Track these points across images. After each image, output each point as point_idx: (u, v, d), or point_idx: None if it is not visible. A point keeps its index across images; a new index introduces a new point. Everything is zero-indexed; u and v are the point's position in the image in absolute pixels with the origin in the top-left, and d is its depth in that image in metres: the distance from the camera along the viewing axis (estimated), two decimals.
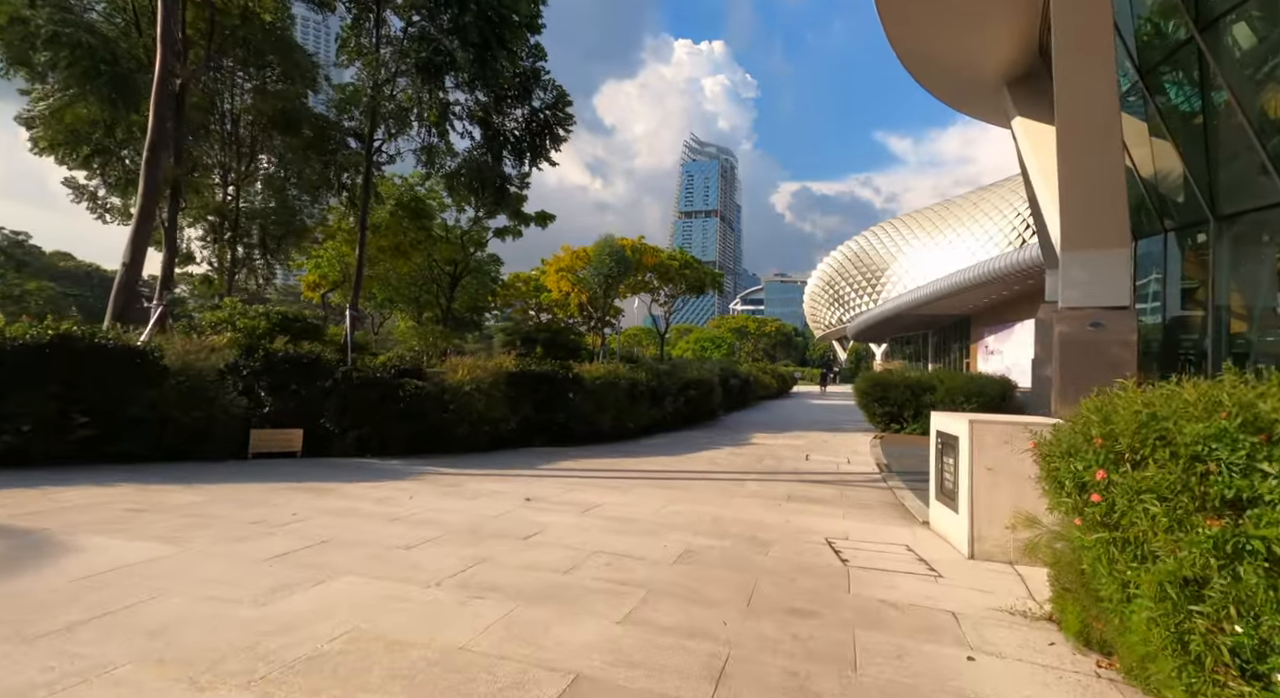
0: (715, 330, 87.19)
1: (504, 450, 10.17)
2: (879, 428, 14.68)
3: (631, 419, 12.80)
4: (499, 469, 8.29)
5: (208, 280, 21.50)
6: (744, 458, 10.22)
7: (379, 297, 30.61)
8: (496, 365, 10.29)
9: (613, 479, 7.85)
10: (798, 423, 17.41)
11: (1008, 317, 31.77)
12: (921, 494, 7.24)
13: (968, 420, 4.87)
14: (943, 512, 5.43)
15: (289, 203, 22.65)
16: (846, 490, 7.55)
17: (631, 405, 12.92)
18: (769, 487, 7.66)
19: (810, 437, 13.65)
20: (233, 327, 14.92)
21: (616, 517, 5.67)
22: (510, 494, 6.48)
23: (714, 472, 8.74)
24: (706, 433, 14.28)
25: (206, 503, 5.40)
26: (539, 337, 21.92)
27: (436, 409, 9.26)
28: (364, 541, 4.44)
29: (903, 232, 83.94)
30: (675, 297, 45.55)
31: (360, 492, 6.22)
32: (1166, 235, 10.20)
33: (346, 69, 19.61)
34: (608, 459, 9.68)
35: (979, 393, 13.89)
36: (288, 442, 8.18)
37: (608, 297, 36.58)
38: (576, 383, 11.44)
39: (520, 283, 47.68)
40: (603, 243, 34.51)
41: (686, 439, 12.98)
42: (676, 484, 7.63)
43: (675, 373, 15.53)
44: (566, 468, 8.63)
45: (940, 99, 17.15)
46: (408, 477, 7.31)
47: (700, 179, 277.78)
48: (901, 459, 10.33)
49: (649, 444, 11.94)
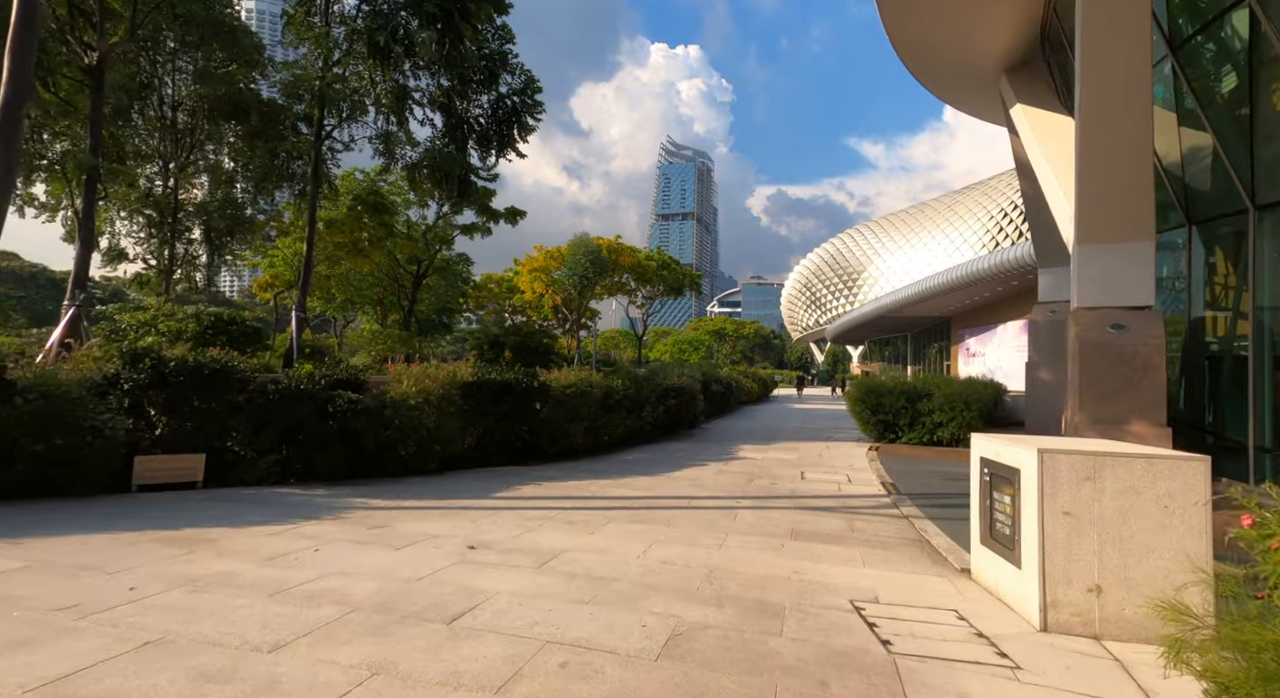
0: (693, 333, 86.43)
1: (457, 473, 8.82)
2: (873, 437, 13.70)
3: (607, 431, 11.54)
4: (446, 499, 6.96)
5: (141, 280, 19.58)
6: (733, 477, 9.05)
7: (340, 298, 28.80)
8: (448, 375, 8.94)
9: (582, 511, 6.60)
10: (785, 432, 16.36)
11: (989, 319, 31.40)
12: (946, 525, 6.15)
13: (1035, 449, 3.75)
14: (994, 563, 4.31)
15: (234, 195, 20.89)
16: (856, 521, 6.42)
17: (606, 416, 11.67)
18: (766, 517, 6.49)
19: (802, 449, 12.56)
20: (155, 330, 13.27)
21: (583, 572, 4.42)
22: (450, 540, 5.18)
23: (700, 497, 7.55)
24: (689, 445, 13.10)
25: (18, 571, 3.99)
26: (508, 340, 20.55)
27: (375, 427, 7.88)
28: (213, 636, 3.10)
29: (879, 234, 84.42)
30: (653, 298, 44.44)
31: (249, 543, 4.84)
32: (1191, 228, 9.38)
33: (297, 49, 18.02)
34: (578, 481, 8.42)
35: (977, 399, 13.01)
36: (185, 470, 6.73)
37: (583, 298, 35.26)
38: (543, 393, 10.15)
39: (493, 284, 46.11)
40: (577, 242, 33.19)
41: (667, 453, 11.77)
42: (658, 516, 6.41)
43: (654, 379, 14.33)
44: (528, 496, 7.33)
45: (933, 91, 16.33)
46: (327, 515, 5.94)
47: (677, 182, 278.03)
48: (907, 476, 9.27)
49: (626, 460, 10.70)
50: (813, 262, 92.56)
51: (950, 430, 12.65)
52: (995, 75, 13.92)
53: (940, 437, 12.78)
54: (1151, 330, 8.51)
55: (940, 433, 12.76)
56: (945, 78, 15.14)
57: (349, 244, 21.40)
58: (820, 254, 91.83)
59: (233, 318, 14.78)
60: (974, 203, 74.35)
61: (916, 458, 11.41)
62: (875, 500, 7.60)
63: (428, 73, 17.05)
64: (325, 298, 29.25)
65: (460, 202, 20.09)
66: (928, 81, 15.77)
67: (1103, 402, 8.63)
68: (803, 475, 9.29)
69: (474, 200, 20.34)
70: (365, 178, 24.39)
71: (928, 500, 7.53)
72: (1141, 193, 8.46)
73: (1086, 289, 9.20)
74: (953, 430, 12.64)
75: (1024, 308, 28.17)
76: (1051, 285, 16.97)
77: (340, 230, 21.05)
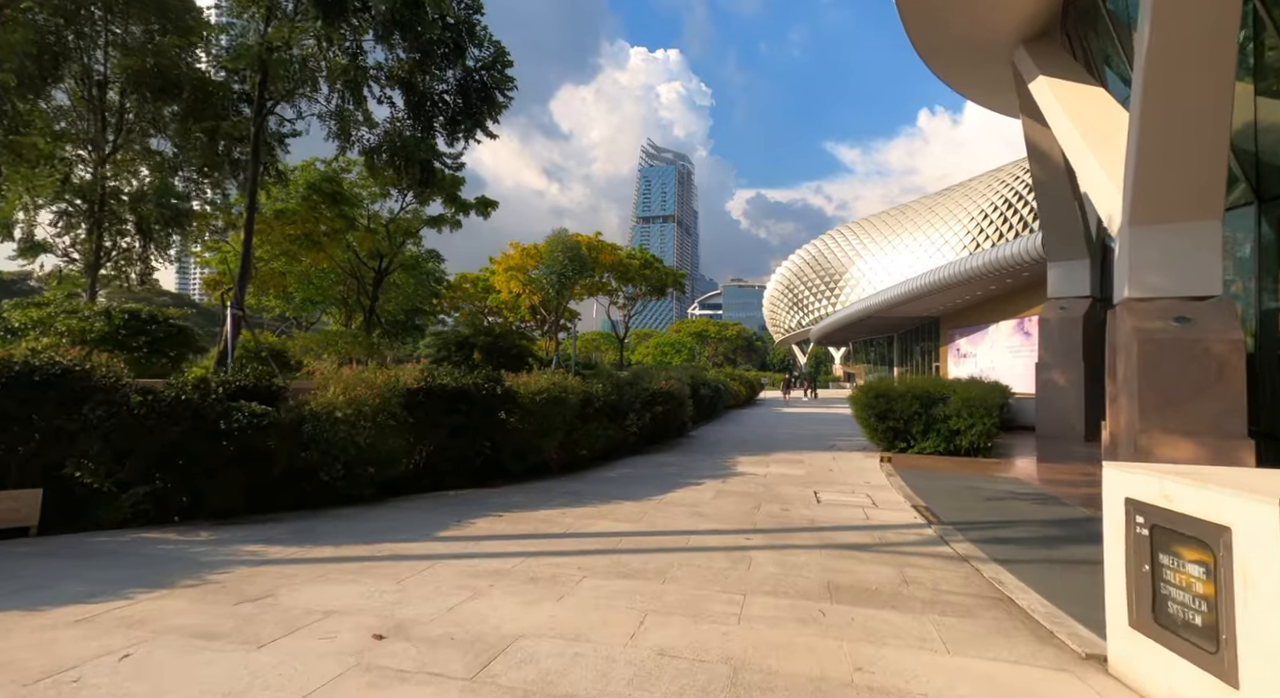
0: (675, 335, 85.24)
1: (398, 501, 7.17)
2: (881, 446, 12.34)
3: (585, 444, 9.98)
4: (372, 542, 5.33)
5: (60, 275, 17.44)
6: (736, 500, 7.56)
7: (298, 297, 26.72)
8: (388, 380, 7.28)
9: (549, 557, 5.03)
10: (781, 440, 14.94)
11: (980, 318, 30.57)
12: (1025, 573, 4.72)
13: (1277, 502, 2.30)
14: (1163, 661, 2.85)
15: (170, 183, 18.84)
16: (907, 567, 4.97)
17: (584, 427, 10.11)
18: (789, 562, 5.00)
19: (806, 461, 11.13)
20: (53, 330, 11.34)
21: (541, 685, 2.87)
22: (352, 621, 3.58)
23: (701, 532, 6.03)
24: (678, 457, 11.58)
25: None
26: (478, 341, 18.85)
27: (289, 446, 6.22)
28: None
29: (860, 236, 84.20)
30: (635, 299, 42.91)
31: (27, 643, 3.17)
32: (1261, 205, 8.19)
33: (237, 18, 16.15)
34: (548, 510, 6.84)
35: (995, 404, 11.75)
36: (10, 511, 5.00)
37: (561, 298, 33.58)
38: (509, 400, 8.55)
39: (468, 284, 44.23)
40: (555, 239, 31.53)
41: (655, 468, 10.24)
42: (650, 565, 4.88)
43: (638, 383, 12.81)
44: (481, 535, 5.73)
45: (938, 70, 15.12)
46: (187, 578, 4.27)
47: (658, 184, 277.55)
48: (937, 496, 7.87)
49: (607, 478, 9.15)
50: (794, 263, 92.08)
51: (969, 438, 11.34)
52: (1011, 47, 12.73)
53: (958, 445, 11.47)
54: (1225, 324, 7.24)
55: (959, 441, 11.45)
56: (954, 53, 13.92)
57: (302, 237, 19.48)
58: (802, 255, 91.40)
59: (154, 315, 12.88)
60: (954, 204, 74.41)
61: (936, 471, 10.06)
62: (916, 533, 6.16)
63: (385, 44, 15.35)
64: (283, 297, 27.16)
65: (425, 191, 18.35)
66: (934, 59, 14.55)
67: (1169, 409, 7.34)
68: (817, 497, 7.84)
69: (440, 189, 18.62)
70: (327, 167, 22.56)
71: (980, 532, 6.12)
72: (1214, 162, 7.20)
73: (1141, 277, 7.93)
74: (972, 438, 11.34)
75: (1018, 307, 27.32)
76: (1062, 280, 15.87)
77: (292, 221, 19.12)
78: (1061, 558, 5.29)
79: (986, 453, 11.51)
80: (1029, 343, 26.45)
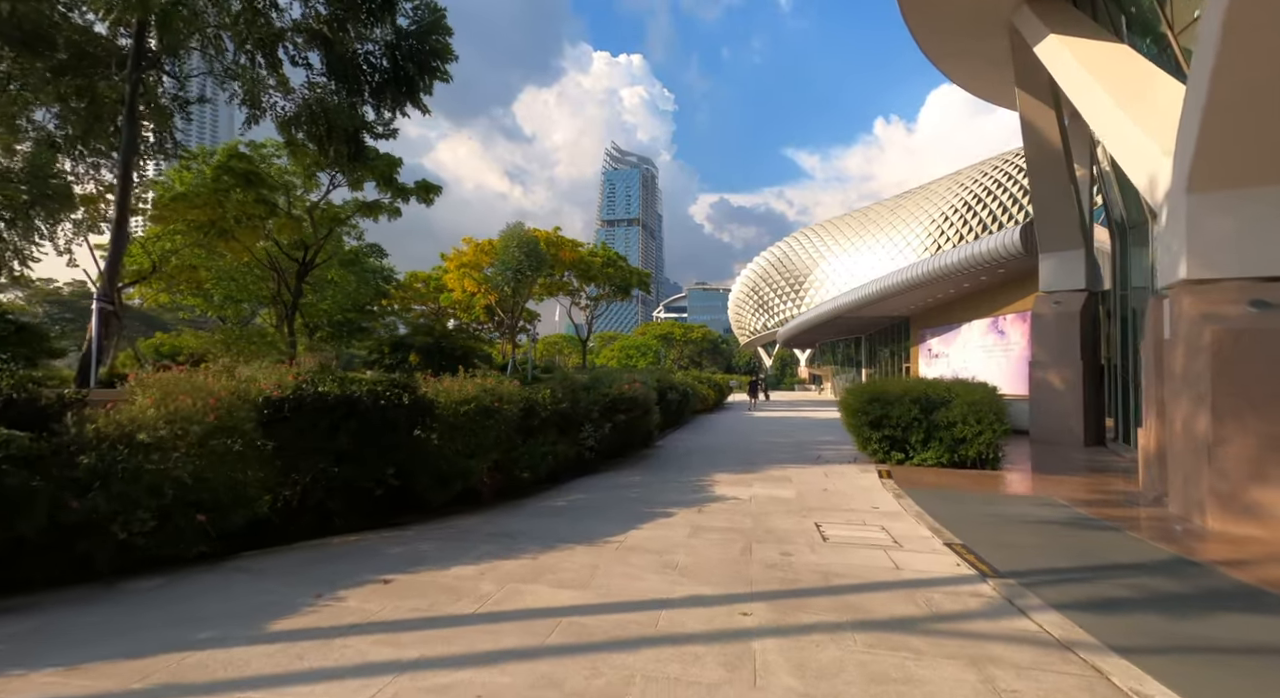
0: (640, 338, 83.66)
1: (250, 556, 5.08)
2: (875, 458, 10.78)
3: (526, 464, 8.01)
4: (143, 649, 3.27)
5: None
6: (719, 540, 5.75)
7: (217, 295, 23.78)
8: (234, 388, 5.20)
9: (435, 674, 3.10)
10: (759, 451, 13.26)
11: (952, 318, 29.83)
12: (1173, 673, 3.02)
13: None
14: None
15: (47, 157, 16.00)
16: (992, 667, 3.23)
17: (526, 441, 8.17)
18: (814, 666, 3.20)
19: (795, 478, 9.44)
20: None
21: None
22: None
23: (677, 602, 4.18)
24: (644, 477, 9.74)
25: None
26: (414, 342, 16.65)
27: (59, 490, 4.10)
28: None
29: (824, 238, 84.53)
30: (599, 299, 40.92)
31: None
32: None
33: None
34: (461, 567, 4.88)
35: (1003, 407, 10.35)
36: None
37: (518, 296, 31.33)
38: (422, 412, 6.55)
39: (419, 284, 41.49)
40: (510, 233, 29.26)
41: (615, 492, 8.37)
42: (598, 681, 3.01)
43: (597, 388, 10.93)
44: (341, 625, 3.74)
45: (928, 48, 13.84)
46: None
47: (622, 188, 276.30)
48: (969, 527, 6.23)
49: (552, 509, 7.22)
50: (759, 266, 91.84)
51: (977, 447, 9.88)
52: (1012, 8, 11.42)
53: (964, 455, 9.99)
54: None
55: (964, 451, 9.98)
56: (946, 19, 12.57)
57: (207, 223, 16.84)
58: (767, 257, 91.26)
59: None
60: (915, 207, 75.35)
61: (948, 489, 8.50)
62: (971, 593, 4.45)
63: None
64: (198, 294, 24.15)
65: (355, 169, 16.06)
66: (926, 34, 13.22)
67: (1252, 414, 5.89)
68: (821, 533, 6.10)
69: (372, 170, 16.38)
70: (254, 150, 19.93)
71: (1056, 590, 4.46)
72: None
73: (1206, 253, 6.51)
74: (979, 447, 9.88)
75: (992, 305, 26.58)
76: (1056, 272, 14.73)
77: (195, 204, 16.47)
78: (1202, 642, 3.65)
79: (994, 464, 10.07)
80: (1003, 342, 25.71)
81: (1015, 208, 62.61)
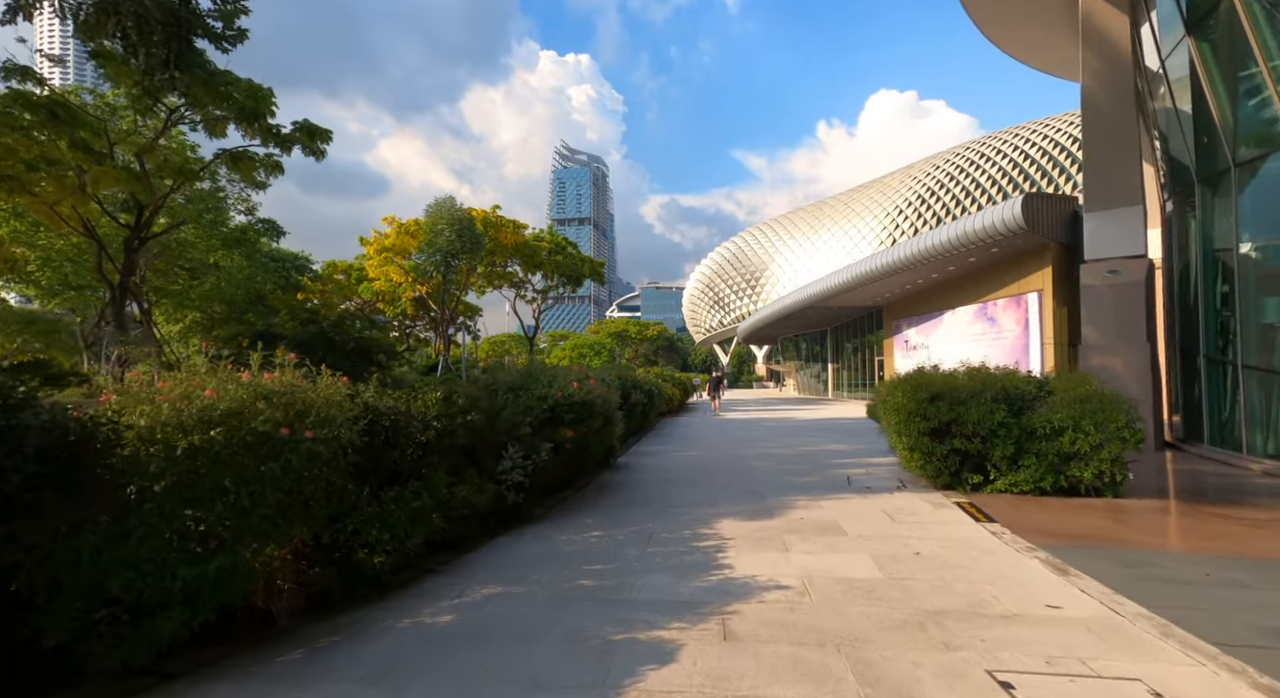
0: (594, 336, 79.67)
1: None
2: (937, 481, 7.44)
3: (376, 536, 4.16)
4: None
5: None
6: None
7: (44, 279, 18.41)
8: None
9: None
10: (760, 470, 9.75)
11: (931, 305, 27.49)
12: None
13: None
14: None
15: None
16: None
17: (381, 491, 4.34)
18: None
19: (842, 522, 5.93)
20: None
21: None
22: None
23: None
24: (605, 528, 6.01)
25: None
26: (284, 331, 12.36)
27: None
28: None
29: (779, 233, 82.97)
30: (547, 291, 36.77)
31: None
32: None
33: None
34: None
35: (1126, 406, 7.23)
36: None
37: (449, 285, 26.90)
38: (85, 457, 2.64)
39: (339, 275, 36.31)
40: (438, 208, 24.80)
41: (554, 571, 4.61)
42: None
43: (531, 389, 7.16)
44: None
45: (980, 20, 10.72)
46: None
47: (572, 186, 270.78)
48: (1243, 643, 2.85)
49: (407, 645, 3.43)
50: (714, 262, 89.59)
51: (1095, 466, 6.68)
52: None
53: (1075, 478, 6.78)
54: None
55: (1074, 471, 6.76)
56: None
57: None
58: (722, 253, 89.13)
59: None
60: (869, 200, 74.61)
61: (1111, 543, 5.20)
62: None
63: None
64: (23, 280, 18.69)
65: (191, 88, 11.61)
66: None
67: None
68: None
69: (216, 91, 11.97)
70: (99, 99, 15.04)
71: None
72: None
73: None
74: (1099, 466, 6.68)
75: (980, 290, 24.24)
76: (1105, 235, 11.89)
77: None
78: None
79: (1116, 491, 6.91)
80: (993, 329, 23.37)
81: (969, 201, 62.40)
